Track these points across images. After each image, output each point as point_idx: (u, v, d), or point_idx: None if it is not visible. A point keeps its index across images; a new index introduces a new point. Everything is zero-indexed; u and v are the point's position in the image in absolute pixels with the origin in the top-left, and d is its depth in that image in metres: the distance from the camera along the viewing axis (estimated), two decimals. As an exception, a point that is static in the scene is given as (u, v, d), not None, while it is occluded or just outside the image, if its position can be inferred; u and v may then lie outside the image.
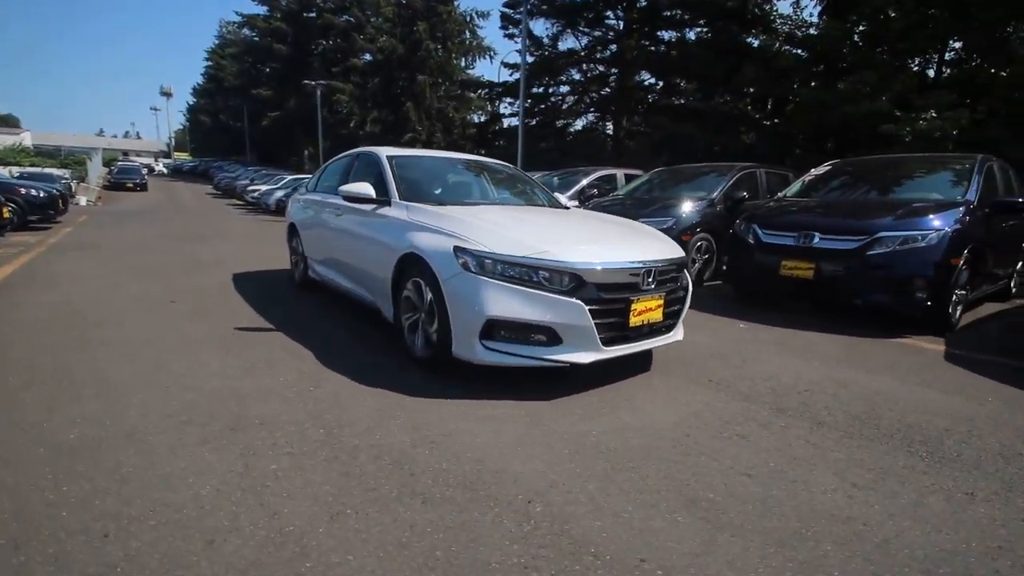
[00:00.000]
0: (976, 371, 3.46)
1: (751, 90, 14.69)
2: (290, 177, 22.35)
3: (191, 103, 59.50)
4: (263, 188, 20.85)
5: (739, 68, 12.78)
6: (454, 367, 2.90)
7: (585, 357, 2.68)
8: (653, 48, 17.43)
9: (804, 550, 1.64)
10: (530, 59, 19.61)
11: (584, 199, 8.23)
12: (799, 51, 12.03)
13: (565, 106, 22.56)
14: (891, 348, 4.00)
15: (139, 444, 2.12)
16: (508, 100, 22.76)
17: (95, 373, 2.87)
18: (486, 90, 22.55)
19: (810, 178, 6.22)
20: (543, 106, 22.33)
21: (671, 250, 3.14)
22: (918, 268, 4.28)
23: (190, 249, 8.14)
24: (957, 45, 10.79)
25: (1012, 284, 5.90)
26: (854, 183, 5.80)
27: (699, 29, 15.89)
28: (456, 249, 2.76)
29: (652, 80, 19.22)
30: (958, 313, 4.57)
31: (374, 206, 3.65)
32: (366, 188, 3.60)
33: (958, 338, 4.29)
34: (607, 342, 2.73)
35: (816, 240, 4.70)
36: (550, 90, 21.80)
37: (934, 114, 8.87)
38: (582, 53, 21.18)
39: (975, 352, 3.91)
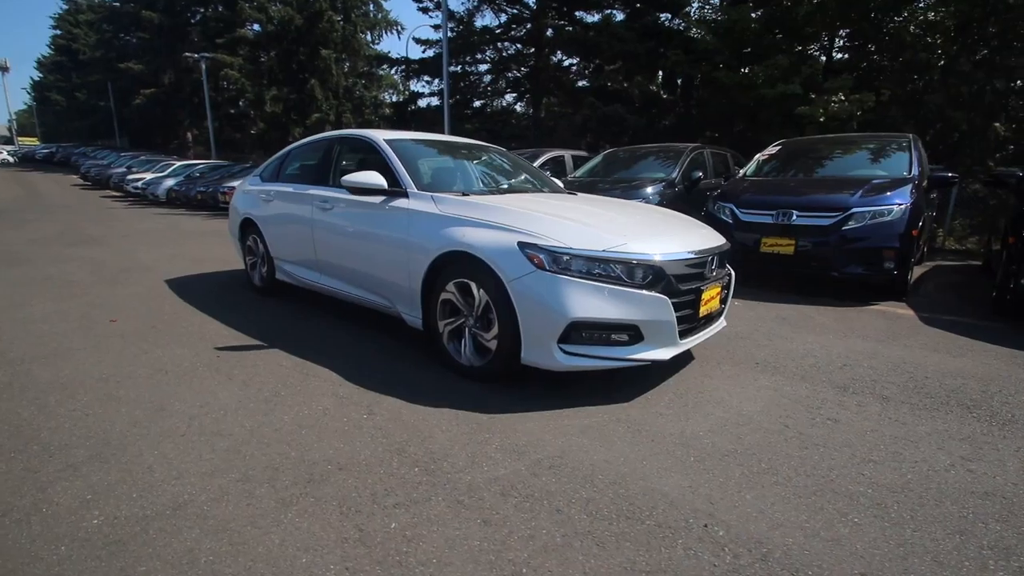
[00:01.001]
0: (956, 332, 3.82)
1: (671, 72, 15.31)
2: (179, 163, 19.82)
3: (37, 79, 50.48)
4: (148, 177, 18.32)
5: (661, 51, 13.19)
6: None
7: (665, 353, 2.54)
8: (571, 28, 17.50)
9: (987, 536, 1.64)
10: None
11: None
12: (713, 36, 12.63)
13: (483, 86, 22.11)
14: (874, 315, 4.33)
15: (201, 520, 1.64)
16: (426, 78, 21.75)
17: (70, 428, 2.22)
18: (401, 67, 21.35)
19: (764, 158, 6.57)
20: (462, 85, 21.68)
21: (718, 236, 3.08)
22: (887, 240, 4.65)
23: (89, 254, 6.84)
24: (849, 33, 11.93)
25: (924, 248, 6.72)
26: (805, 162, 6.20)
27: (618, 9, 16.19)
28: (522, 245, 2.47)
29: (572, 61, 19.35)
30: (911, 279, 5.08)
31: (383, 198, 3.21)
32: (376, 178, 3.14)
33: (915, 302, 4.75)
34: (682, 335, 2.61)
35: (794, 217, 4.95)
36: (468, 68, 21.19)
37: (842, 97, 9.77)
38: (497, 31, 20.78)
39: (939, 314, 4.34)
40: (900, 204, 4.71)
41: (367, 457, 2.02)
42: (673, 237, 2.73)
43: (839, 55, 12.13)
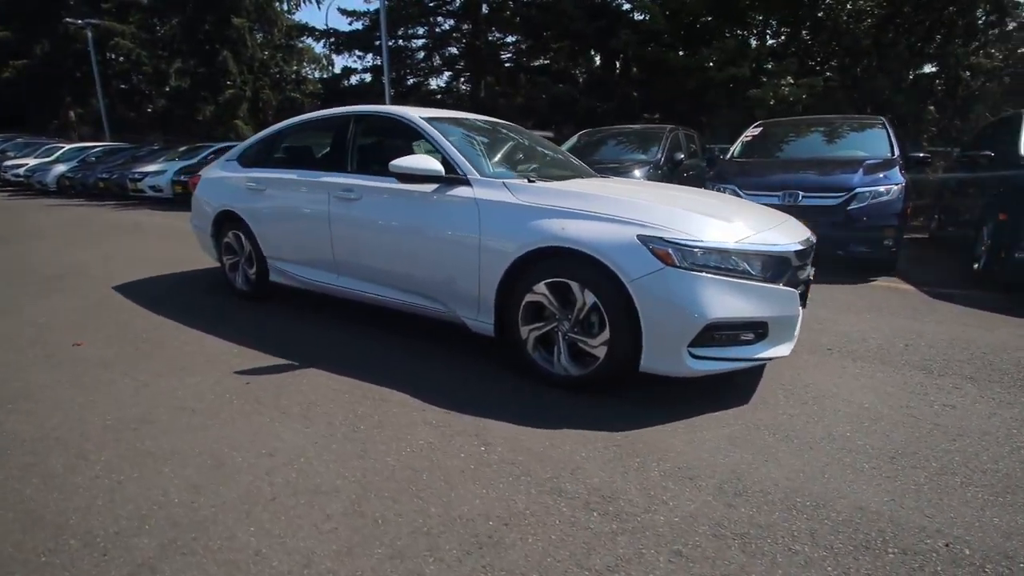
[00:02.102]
0: (968, 305, 4.01)
1: (610, 53, 15.34)
2: (70, 146, 17.15)
3: None
4: (31, 162, 15.72)
5: (612, 31, 13.13)
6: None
7: (785, 349, 2.38)
8: (513, 3, 17.02)
9: None
10: (376, 6, 17.64)
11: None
12: (661, 17, 12.74)
13: (417, 63, 21.06)
14: (885, 292, 4.48)
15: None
16: (358, 53, 20.26)
17: (109, 507, 1.65)
18: (329, 40, 19.70)
19: (748, 139, 6.64)
20: (394, 61, 20.48)
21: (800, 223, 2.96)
22: (888, 219, 4.84)
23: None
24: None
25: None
26: (790, 144, 6.35)
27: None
28: (645, 239, 2.18)
29: (512, 39, 18.86)
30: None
31: (436, 187, 2.76)
32: (431, 163, 2.68)
33: (905, 276, 5.00)
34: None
35: (801, 198, 5.02)
36: (401, 43, 20.04)
37: (791, 81, 10.21)
38: (431, 4, 19.77)
39: (934, 287, 4.59)
40: (898, 184, 4.91)
41: (526, 504, 1.67)
42: (779, 226, 2.55)
43: (779, 40, 12.70)
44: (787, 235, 2.44)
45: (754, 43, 12.58)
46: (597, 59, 18.28)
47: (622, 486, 1.76)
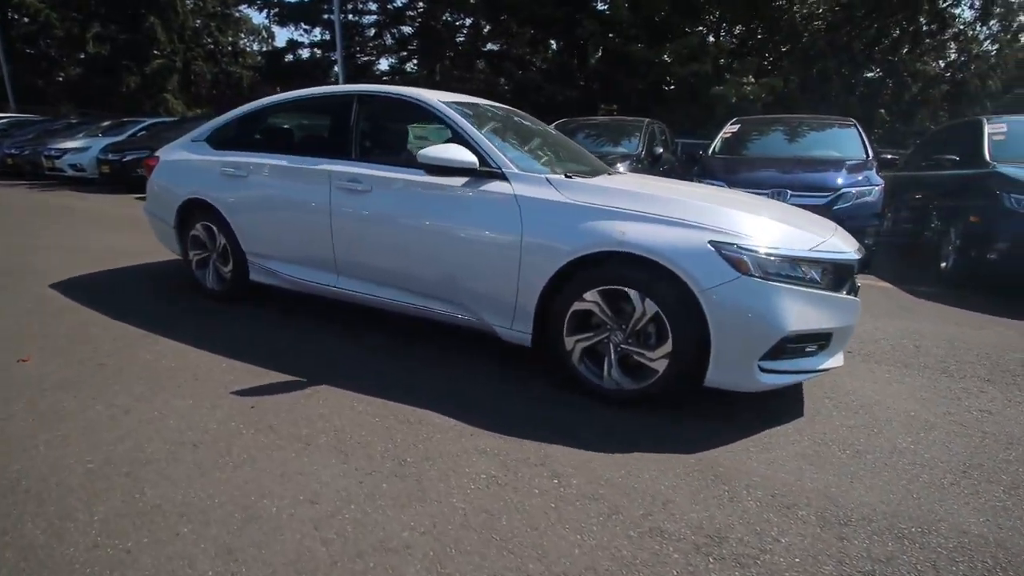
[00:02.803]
0: (948, 304, 4.20)
1: (569, 42, 15.21)
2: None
3: None
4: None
5: (577, 19, 12.98)
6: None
7: (839, 359, 2.31)
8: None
9: None
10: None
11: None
12: (627, 10, 12.72)
13: (367, 41, 20.02)
14: (870, 291, 4.61)
15: None
16: (304, 26, 18.90)
17: (105, 577, 1.30)
18: (272, 10, 18.20)
19: (727, 136, 6.69)
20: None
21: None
22: (869, 218, 4.99)
23: None
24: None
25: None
26: (767, 141, 6.45)
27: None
28: (718, 245, 2.01)
29: (471, 21, 18.28)
30: (870, 253, 5.59)
31: (466, 180, 2.47)
32: (464, 154, 2.39)
33: (880, 276, 5.19)
34: (844, 337, 2.40)
35: (789, 197, 5.08)
36: (352, 19, 18.94)
37: (752, 80, 10.47)
38: (382, -19, 18.83)
39: (910, 286, 4.79)
40: (878, 185, 5.07)
41: (632, 551, 1.47)
42: (837, 232, 2.47)
43: (737, 39, 13.01)
44: (847, 242, 2.36)
45: (712, 40, 12.84)
46: (553, 46, 18.14)
47: (724, 521, 1.61)
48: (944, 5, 9.98)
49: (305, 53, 19.27)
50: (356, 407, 2.22)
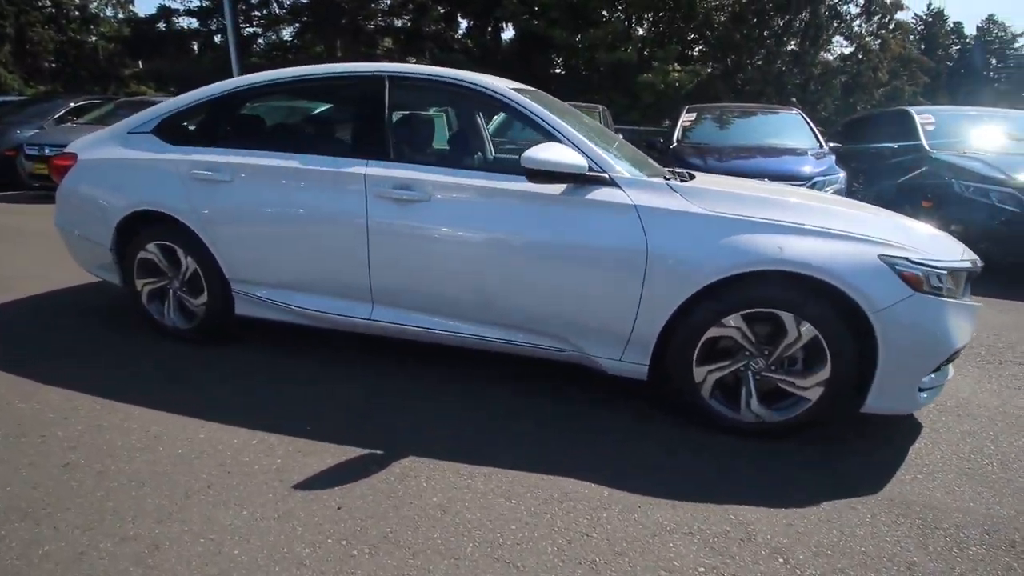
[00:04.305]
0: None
1: (474, 22, 14.69)
2: None
3: None
4: None
5: (499, 1, 12.47)
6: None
7: (952, 371, 2.25)
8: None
9: None
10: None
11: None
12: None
13: (253, 9, 17.71)
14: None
15: None
16: None
17: None
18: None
19: (687, 124, 6.73)
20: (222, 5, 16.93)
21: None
22: (837, 206, 5.27)
23: None
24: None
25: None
26: (727, 130, 6.58)
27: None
28: (889, 260, 1.81)
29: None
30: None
31: (566, 188, 2.03)
32: (573, 156, 1.95)
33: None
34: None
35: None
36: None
37: (678, 67, 10.78)
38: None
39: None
40: (839, 172, 5.35)
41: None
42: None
43: (657, 27, 13.35)
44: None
45: (635, 29, 13.07)
46: (464, 24, 17.46)
47: (987, 583, 1.42)
48: (833, 2, 10.99)
49: (182, 22, 16.53)
50: (474, 485, 1.73)
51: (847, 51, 10.56)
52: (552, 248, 2.07)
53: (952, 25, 38.70)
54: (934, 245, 1.98)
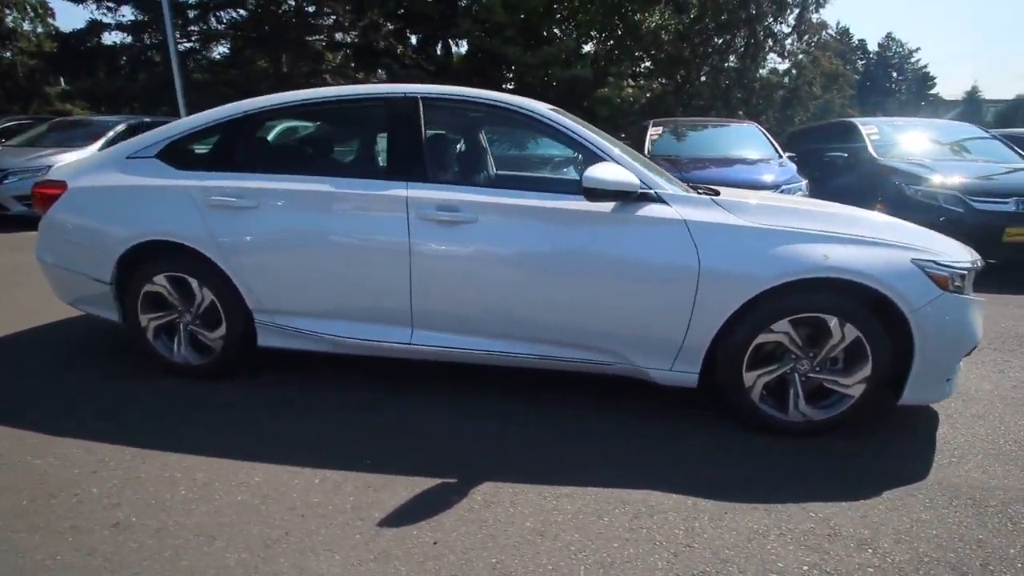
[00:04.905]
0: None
1: (426, 39, 14.74)
2: None
3: None
4: None
5: (451, 18, 12.55)
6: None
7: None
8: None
9: None
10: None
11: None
12: (504, 10, 12.68)
13: (189, 23, 16.87)
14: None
15: None
16: (108, 4, 14.94)
17: None
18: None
19: (655, 137, 7.01)
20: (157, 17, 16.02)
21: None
22: (801, 212, 5.64)
23: None
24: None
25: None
26: (690, 142, 6.90)
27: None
28: (920, 264, 1.98)
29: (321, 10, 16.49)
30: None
31: (615, 205, 2.08)
32: (628, 175, 2.01)
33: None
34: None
35: (739, 195, 5.49)
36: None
37: (632, 83, 11.23)
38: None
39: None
40: (804, 180, 5.74)
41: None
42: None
43: (607, 45, 13.84)
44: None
45: (586, 47, 13.51)
46: (412, 41, 17.42)
47: (1050, 554, 1.56)
48: (767, 22, 11.84)
49: (114, 37, 15.43)
50: (561, 506, 1.72)
51: (782, 67, 11.50)
52: (604, 264, 2.11)
53: (856, 42, 42.53)
54: (948, 248, 2.17)
